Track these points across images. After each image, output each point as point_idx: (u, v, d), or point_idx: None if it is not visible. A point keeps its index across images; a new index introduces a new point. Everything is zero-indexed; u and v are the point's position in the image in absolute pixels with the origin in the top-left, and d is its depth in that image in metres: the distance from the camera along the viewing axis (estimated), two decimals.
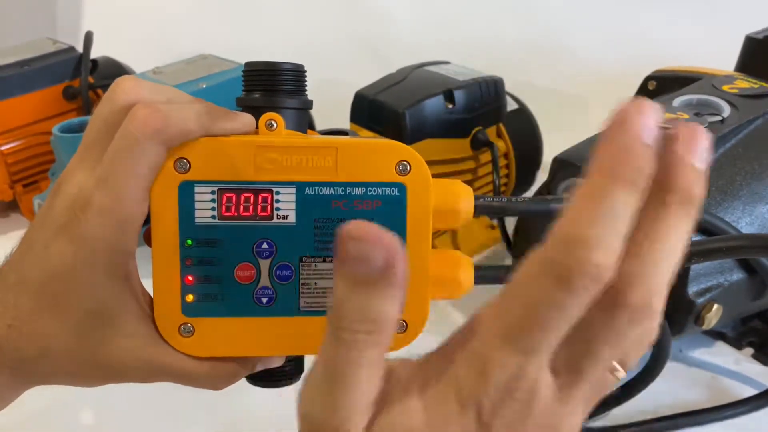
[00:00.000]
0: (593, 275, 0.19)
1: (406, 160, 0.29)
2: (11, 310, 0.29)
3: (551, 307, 0.20)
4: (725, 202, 0.49)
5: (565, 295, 0.20)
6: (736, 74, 0.59)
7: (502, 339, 0.21)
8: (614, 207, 0.20)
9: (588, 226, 0.20)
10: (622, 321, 0.21)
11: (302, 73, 0.33)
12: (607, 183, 0.20)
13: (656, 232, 0.21)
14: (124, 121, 0.27)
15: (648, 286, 0.21)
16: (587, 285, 0.19)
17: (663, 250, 0.21)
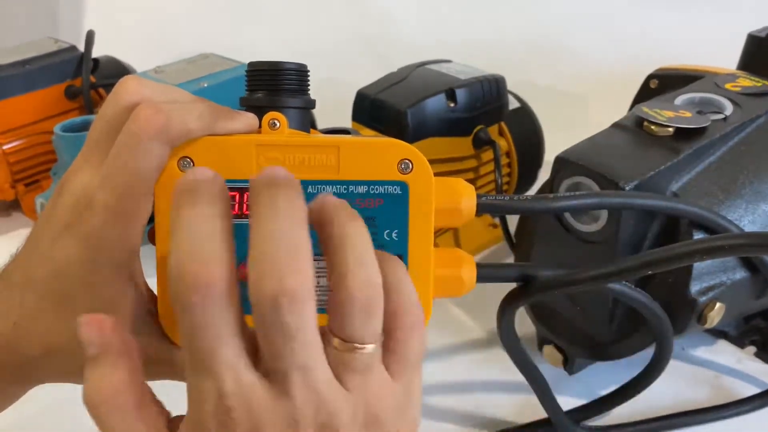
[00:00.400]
0: (196, 286, 0.22)
1: (408, 158, 0.29)
2: (17, 309, 0.29)
3: (195, 330, 0.22)
4: (728, 200, 0.49)
5: (192, 317, 0.22)
6: (738, 72, 0.59)
7: (191, 370, 0.23)
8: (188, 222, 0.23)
9: (173, 251, 0.22)
10: (268, 317, 0.22)
11: (305, 72, 0.33)
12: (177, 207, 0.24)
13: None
14: (128, 120, 0.27)
15: (269, 278, 0.22)
16: (200, 296, 0.22)
17: (258, 237, 0.23)
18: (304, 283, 0.22)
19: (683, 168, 0.48)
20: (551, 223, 0.50)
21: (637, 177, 0.45)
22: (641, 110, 0.51)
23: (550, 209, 0.33)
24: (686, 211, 0.43)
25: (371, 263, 0.24)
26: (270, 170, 0.24)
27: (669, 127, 0.49)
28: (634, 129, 0.51)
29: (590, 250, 0.48)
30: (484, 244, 0.71)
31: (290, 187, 0.24)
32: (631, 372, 0.49)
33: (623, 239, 0.46)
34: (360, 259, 0.24)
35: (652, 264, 0.32)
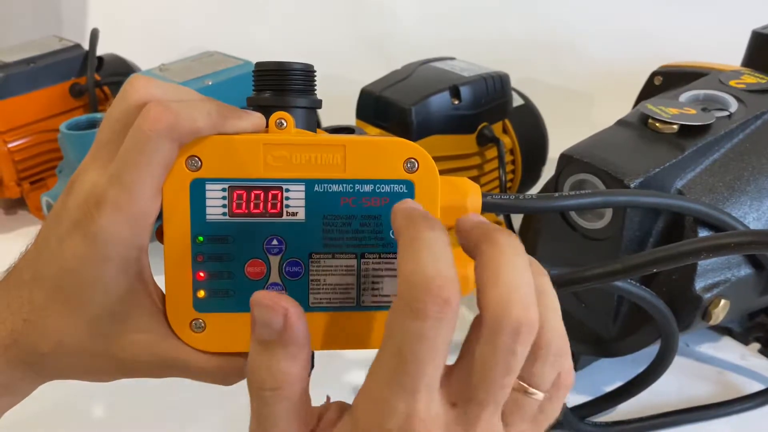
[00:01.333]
0: (439, 298, 0.21)
1: (413, 157, 0.29)
2: (26, 306, 0.30)
3: (414, 339, 0.22)
4: (732, 197, 0.49)
5: (421, 324, 0.22)
6: (743, 69, 0.59)
7: (388, 383, 0.23)
8: (431, 242, 0.23)
9: (417, 262, 0.22)
10: (503, 339, 0.22)
11: (312, 72, 0.33)
12: (418, 228, 0.23)
13: (493, 259, 0.24)
14: (137, 119, 0.28)
15: (517, 305, 0.22)
16: (438, 308, 0.21)
17: (512, 271, 0.23)
18: (537, 321, 0.22)
19: (688, 165, 0.48)
20: (556, 220, 0.50)
21: (641, 174, 0.46)
22: (646, 107, 0.51)
23: (555, 208, 0.33)
24: (692, 208, 0.43)
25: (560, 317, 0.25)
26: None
27: (674, 124, 0.49)
28: (638, 126, 0.51)
29: (595, 248, 0.48)
30: None
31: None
32: (635, 368, 0.49)
33: (628, 236, 0.46)
34: (557, 309, 0.25)
35: (657, 262, 0.32)
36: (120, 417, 0.53)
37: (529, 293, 0.23)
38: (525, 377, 0.24)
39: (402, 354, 0.22)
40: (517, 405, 0.24)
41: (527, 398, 0.24)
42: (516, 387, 0.24)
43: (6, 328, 0.30)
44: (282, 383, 0.25)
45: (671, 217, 0.47)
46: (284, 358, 0.25)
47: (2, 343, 0.30)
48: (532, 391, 0.24)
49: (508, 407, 0.24)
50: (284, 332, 0.24)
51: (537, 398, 0.24)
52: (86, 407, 0.53)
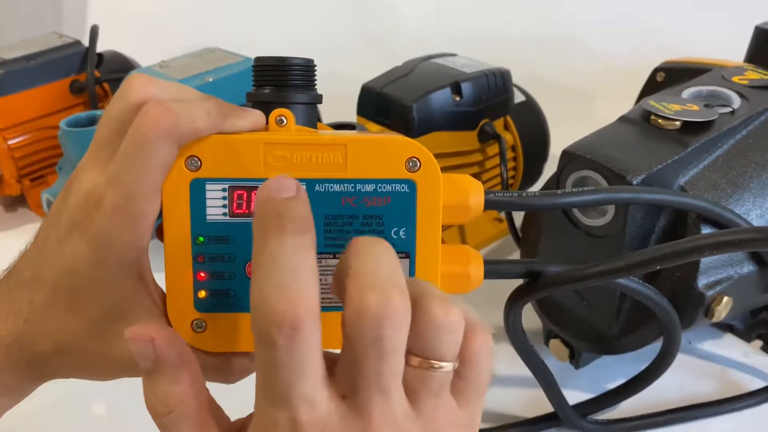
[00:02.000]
0: (284, 327, 0.21)
1: (416, 156, 0.29)
2: (27, 306, 0.30)
3: (270, 366, 0.22)
4: (735, 194, 0.48)
5: (275, 353, 0.22)
6: (746, 65, 0.59)
7: (264, 399, 0.23)
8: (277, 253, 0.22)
9: (259, 285, 0.22)
10: (365, 329, 0.22)
11: (312, 68, 0.33)
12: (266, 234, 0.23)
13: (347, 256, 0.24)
14: (135, 119, 0.27)
15: (373, 291, 0.22)
16: (285, 338, 0.21)
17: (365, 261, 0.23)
18: (406, 304, 0.22)
19: (691, 161, 0.48)
20: (558, 217, 0.50)
21: (644, 171, 0.45)
22: (648, 104, 0.51)
23: (558, 205, 0.33)
24: (695, 205, 0.43)
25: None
26: None
27: (676, 121, 0.49)
28: (641, 122, 0.50)
29: (597, 245, 0.48)
30: (489, 238, 0.71)
31: None
32: (637, 366, 0.49)
33: (630, 233, 0.46)
34: (427, 288, 0.24)
35: (660, 259, 0.32)
36: (120, 414, 0.53)
37: (388, 277, 0.23)
38: (421, 352, 0.23)
39: (265, 375, 0.23)
40: (423, 381, 0.24)
41: (432, 372, 0.23)
42: (416, 364, 0.23)
43: (7, 328, 0.30)
44: (172, 406, 0.25)
45: (674, 214, 0.47)
46: (166, 383, 0.25)
47: (3, 343, 0.30)
48: (434, 363, 0.23)
49: (412, 384, 0.24)
50: (156, 359, 0.25)
51: (444, 370, 0.24)
52: (86, 404, 0.53)
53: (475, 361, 0.25)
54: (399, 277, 0.23)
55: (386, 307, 0.22)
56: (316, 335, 0.22)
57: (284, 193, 0.23)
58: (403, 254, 0.30)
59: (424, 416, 0.24)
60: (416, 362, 0.23)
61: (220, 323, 0.30)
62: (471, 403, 0.25)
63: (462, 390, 0.25)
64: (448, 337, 0.23)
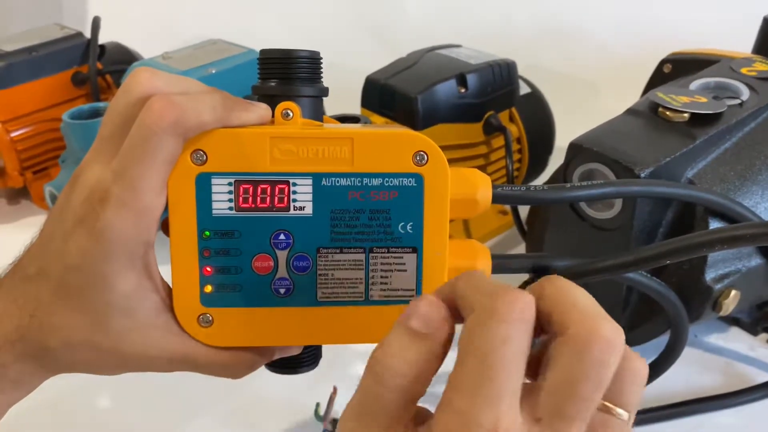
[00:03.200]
0: (519, 302, 0.22)
1: (423, 150, 0.29)
2: (33, 302, 0.29)
3: (500, 342, 0.22)
4: (744, 186, 0.48)
5: (507, 326, 0.22)
6: (754, 56, 0.58)
7: (471, 394, 0.22)
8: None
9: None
10: (594, 353, 0.22)
11: (318, 60, 0.32)
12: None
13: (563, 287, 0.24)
14: (140, 113, 0.27)
15: (606, 320, 0.22)
16: (519, 310, 0.22)
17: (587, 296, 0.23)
18: (624, 339, 0.23)
19: (699, 154, 0.48)
20: (564, 210, 0.49)
21: (652, 163, 0.45)
22: (656, 96, 0.50)
23: (566, 199, 0.33)
24: (704, 198, 0.42)
25: None
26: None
27: (684, 113, 0.48)
28: (648, 115, 0.50)
29: (604, 238, 0.48)
30: (494, 230, 0.71)
31: None
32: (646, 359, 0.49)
33: (638, 226, 0.46)
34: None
35: (670, 254, 0.32)
36: (122, 407, 0.53)
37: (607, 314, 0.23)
38: (610, 397, 0.23)
39: (487, 360, 0.22)
40: (603, 425, 0.23)
41: (613, 418, 0.23)
42: (601, 407, 0.23)
43: (13, 324, 0.30)
44: (413, 375, 0.24)
45: (681, 207, 0.47)
46: (429, 355, 0.24)
47: (9, 339, 0.30)
48: (618, 412, 0.23)
49: (593, 425, 0.23)
50: (432, 327, 0.24)
51: (622, 419, 0.23)
52: (89, 397, 0.53)
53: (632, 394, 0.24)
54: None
55: (619, 336, 0.22)
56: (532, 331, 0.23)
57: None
58: (410, 249, 0.30)
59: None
60: (601, 405, 0.23)
61: (226, 318, 0.30)
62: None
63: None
64: (639, 389, 0.24)
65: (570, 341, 0.22)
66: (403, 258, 0.30)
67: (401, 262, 0.30)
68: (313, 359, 0.34)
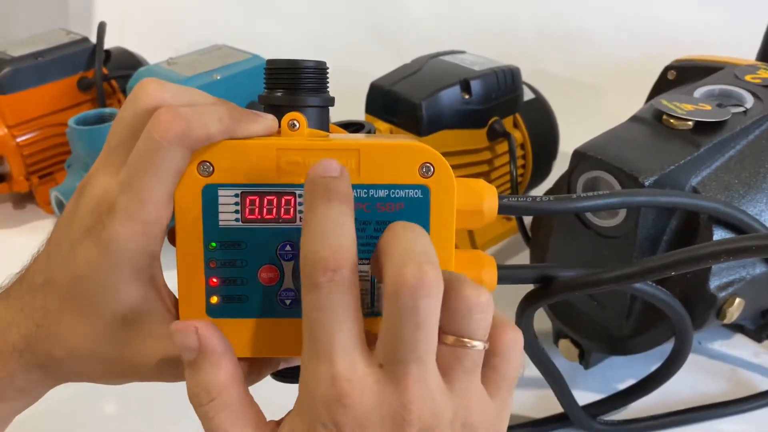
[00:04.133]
0: (326, 269, 0.24)
1: (429, 162, 0.29)
2: (40, 311, 0.30)
3: (313, 309, 0.24)
4: (748, 194, 0.48)
5: (316, 295, 0.24)
6: (759, 64, 0.58)
7: (307, 355, 0.25)
8: (323, 217, 0.25)
9: (306, 238, 0.25)
10: (402, 298, 0.23)
11: (324, 70, 0.32)
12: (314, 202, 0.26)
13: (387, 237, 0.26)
14: (147, 125, 0.27)
15: (410, 264, 0.23)
16: (326, 278, 0.24)
17: (404, 240, 0.25)
18: (439, 278, 0.24)
19: (703, 162, 0.48)
20: (568, 218, 0.49)
21: (656, 171, 0.45)
22: (660, 103, 0.50)
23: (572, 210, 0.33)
24: (709, 207, 0.42)
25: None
26: None
27: (689, 121, 0.48)
28: (653, 122, 0.50)
29: (608, 246, 0.48)
30: (497, 236, 0.71)
31: None
32: (647, 366, 0.49)
33: (642, 234, 0.46)
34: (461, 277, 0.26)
35: (675, 265, 0.32)
36: (125, 413, 0.53)
37: (423, 254, 0.24)
38: (454, 331, 0.25)
39: (309, 325, 0.25)
40: (456, 358, 0.25)
41: (464, 350, 0.25)
42: (450, 342, 0.25)
43: (20, 333, 0.30)
44: (214, 393, 0.27)
45: (686, 215, 0.47)
46: (209, 370, 0.27)
47: (16, 348, 0.30)
48: (466, 342, 0.25)
49: (447, 362, 0.25)
50: (200, 347, 0.27)
51: (476, 349, 0.25)
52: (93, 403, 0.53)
53: (506, 354, 0.26)
54: (433, 255, 0.25)
55: (422, 279, 0.23)
56: (354, 284, 0.24)
57: (331, 173, 0.26)
58: None
59: (457, 393, 0.25)
60: (450, 340, 0.25)
61: (232, 329, 0.30)
62: (501, 394, 0.26)
63: (492, 381, 0.26)
64: (480, 316, 0.25)
65: (384, 290, 0.24)
66: None
67: None
68: None
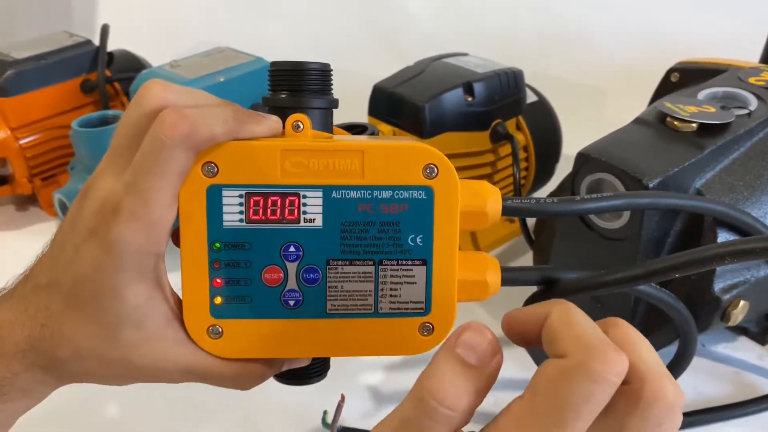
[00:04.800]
0: (617, 367, 0.22)
1: (433, 163, 0.29)
2: (44, 312, 0.30)
3: (582, 399, 0.22)
4: (753, 197, 0.48)
5: (596, 387, 0.22)
6: (762, 66, 0.58)
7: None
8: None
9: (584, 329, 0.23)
10: (656, 413, 0.23)
11: (329, 72, 0.32)
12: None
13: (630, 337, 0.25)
14: (152, 126, 0.27)
15: (671, 383, 0.23)
16: (615, 375, 0.22)
17: (652, 352, 0.24)
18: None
19: (707, 164, 0.48)
20: (572, 219, 0.49)
21: (660, 174, 0.45)
22: (664, 105, 0.50)
23: (576, 212, 0.33)
24: (714, 209, 0.42)
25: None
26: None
27: (692, 123, 0.48)
28: (656, 124, 0.50)
29: (612, 248, 0.48)
30: (500, 238, 0.71)
31: None
32: None
33: (646, 236, 0.46)
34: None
35: (680, 267, 0.31)
36: (129, 416, 0.53)
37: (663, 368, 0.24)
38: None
39: (563, 412, 0.22)
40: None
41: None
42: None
43: (24, 333, 0.30)
44: (459, 409, 0.24)
45: (689, 217, 0.47)
46: (473, 389, 0.24)
47: (20, 348, 0.30)
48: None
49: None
50: (484, 361, 0.24)
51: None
52: (97, 406, 0.53)
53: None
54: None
55: (678, 401, 0.23)
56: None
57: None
58: (419, 261, 0.30)
59: None
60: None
61: (236, 329, 0.30)
62: None
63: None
64: (673, 424, 0.24)
65: (637, 396, 0.23)
66: (413, 270, 0.30)
67: (411, 274, 0.30)
68: (322, 371, 0.34)
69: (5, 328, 0.30)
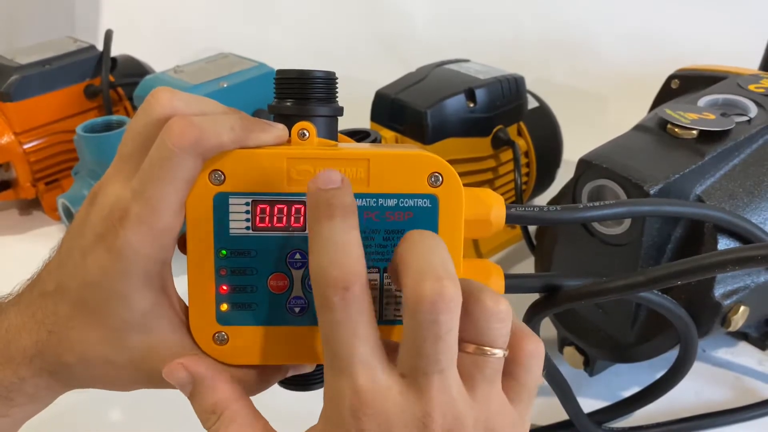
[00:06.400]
0: (337, 288, 0.24)
1: (438, 171, 0.29)
2: (51, 317, 0.30)
3: (330, 327, 0.25)
4: (752, 203, 0.48)
5: (331, 314, 0.24)
6: (762, 73, 0.58)
7: (328, 370, 0.25)
8: (328, 234, 0.25)
9: (314, 257, 0.25)
10: (422, 313, 0.24)
11: (334, 80, 0.33)
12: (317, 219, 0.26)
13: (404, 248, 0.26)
14: (160, 134, 0.28)
15: (429, 279, 0.24)
16: (339, 297, 0.24)
17: (421, 252, 0.25)
18: (458, 291, 0.24)
19: (708, 171, 0.48)
20: (573, 226, 0.50)
21: (661, 180, 0.45)
22: (664, 112, 0.51)
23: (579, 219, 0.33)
24: (714, 216, 0.43)
25: None
26: None
27: (693, 130, 0.49)
28: (657, 131, 0.50)
29: (613, 254, 0.48)
30: (502, 244, 0.71)
31: None
32: (651, 373, 0.49)
33: (647, 242, 0.46)
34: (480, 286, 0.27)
35: (681, 274, 0.32)
36: (136, 421, 0.53)
37: (441, 266, 0.25)
38: (474, 339, 0.25)
39: (327, 341, 0.25)
40: (477, 366, 0.25)
41: (485, 358, 0.25)
42: (471, 350, 0.25)
43: (31, 339, 0.30)
44: (219, 410, 0.28)
45: (690, 224, 0.47)
46: (207, 394, 0.29)
47: (27, 354, 0.30)
48: (486, 350, 0.25)
49: (468, 370, 0.25)
50: (192, 378, 0.29)
51: (496, 356, 0.25)
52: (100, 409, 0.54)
53: (526, 363, 0.27)
54: (451, 266, 0.25)
55: (441, 294, 0.24)
56: (366, 298, 0.25)
57: (331, 184, 0.26)
58: None
59: (479, 401, 0.25)
60: (471, 349, 0.25)
61: (241, 336, 0.30)
62: (522, 402, 0.27)
63: (513, 389, 0.27)
64: (499, 325, 0.25)
65: (403, 304, 0.25)
66: None
67: None
68: None
69: (13, 334, 0.31)
